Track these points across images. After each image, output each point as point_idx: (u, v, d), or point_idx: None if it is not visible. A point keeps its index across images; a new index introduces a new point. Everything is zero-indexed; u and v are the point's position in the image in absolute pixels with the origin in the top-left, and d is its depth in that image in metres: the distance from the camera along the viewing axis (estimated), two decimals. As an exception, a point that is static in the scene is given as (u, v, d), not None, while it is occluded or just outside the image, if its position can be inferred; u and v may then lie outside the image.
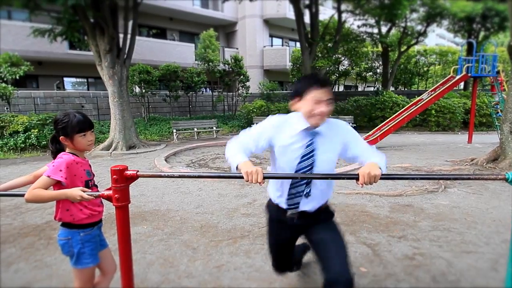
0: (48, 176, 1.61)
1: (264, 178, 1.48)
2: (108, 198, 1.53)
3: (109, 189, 1.54)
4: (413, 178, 1.60)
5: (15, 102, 11.23)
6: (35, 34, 9.36)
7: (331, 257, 1.61)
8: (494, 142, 8.38)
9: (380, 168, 1.52)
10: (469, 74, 9.49)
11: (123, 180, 1.52)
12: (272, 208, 1.87)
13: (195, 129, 12.22)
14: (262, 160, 7.56)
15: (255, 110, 14.08)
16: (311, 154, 1.63)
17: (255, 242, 3.04)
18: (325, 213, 1.80)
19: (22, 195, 1.68)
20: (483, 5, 13.17)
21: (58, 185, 1.66)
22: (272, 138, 1.68)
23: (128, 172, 1.52)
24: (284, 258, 2.01)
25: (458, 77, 9.61)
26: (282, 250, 1.97)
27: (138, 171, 1.54)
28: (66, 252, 1.77)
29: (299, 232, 1.86)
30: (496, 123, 9.26)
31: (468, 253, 2.76)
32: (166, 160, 7.52)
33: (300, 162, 1.64)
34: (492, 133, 11.52)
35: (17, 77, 10.05)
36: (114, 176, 1.50)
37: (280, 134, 1.67)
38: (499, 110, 9.15)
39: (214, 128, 12.60)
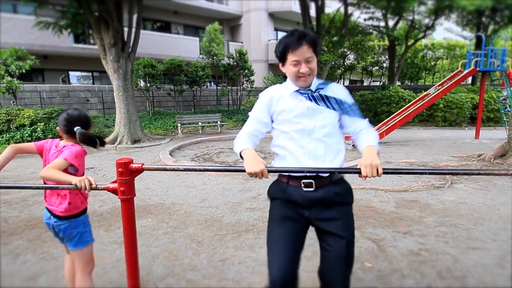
0: (65, 159, 1.69)
1: (269, 171, 1.42)
2: (114, 191, 1.53)
3: (114, 182, 1.54)
4: (421, 173, 1.56)
5: (21, 95, 11.31)
6: (40, 26, 9.38)
7: (333, 276, 1.48)
8: (502, 138, 8.26)
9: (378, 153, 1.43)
10: (478, 69, 9.34)
11: (128, 173, 1.51)
12: (282, 177, 1.64)
13: (200, 123, 12.23)
14: (266, 154, 7.55)
15: (260, 105, 14.01)
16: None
17: (260, 236, 3.04)
18: (339, 189, 1.53)
19: (29, 188, 1.70)
20: (493, -3, 12.89)
21: (66, 170, 1.71)
22: (271, 110, 1.60)
23: (133, 165, 1.52)
24: (288, 263, 1.48)
25: (466, 71, 9.46)
26: (283, 238, 1.51)
27: (143, 164, 1.53)
28: (67, 235, 1.81)
29: (307, 211, 1.53)
30: (504, 119, 9.13)
31: (475, 250, 2.73)
32: (170, 154, 7.55)
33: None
34: (500, 129, 11.36)
35: (23, 71, 10.10)
36: (120, 169, 1.50)
37: (277, 103, 1.59)
38: (507, 105, 9.01)
39: (219, 122, 12.60)
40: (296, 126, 1.53)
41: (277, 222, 1.55)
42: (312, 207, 1.52)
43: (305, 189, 1.49)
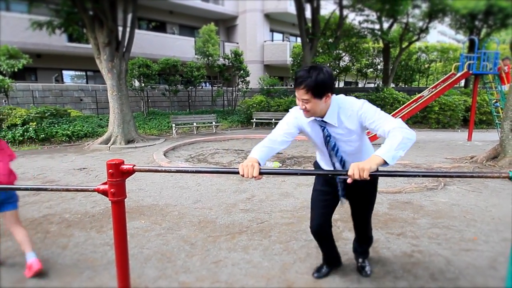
0: None
1: (261, 173, 1.50)
2: (104, 193, 1.51)
3: (105, 183, 1.52)
4: (414, 176, 1.56)
5: (14, 95, 11.16)
6: (34, 27, 9.27)
7: (356, 227, 2.30)
8: (494, 140, 8.36)
9: (385, 161, 1.48)
10: (471, 71, 9.44)
11: (119, 174, 1.49)
12: (319, 167, 2.15)
13: (195, 124, 12.18)
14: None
15: (255, 106, 14.03)
16: (328, 139, 1.83)
17: (253, 238, 3.03)
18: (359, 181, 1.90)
19: (21, 189, 1.67)
20: (486, 1, 13.04)
21: None
22: (300, 125, 1.87)
23: (124, 167, 1.49)
24: (322, 219, 2.15)
25: (459, 74, 9.55)
26: (322, 205, 2.12)
27: (134, 165, 1.51)
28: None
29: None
30: (497, 121, 9.23)
31: (467, 251, 2.75)
32: (165, 155, 7.49)
33: (326, 145, 1.87)
34: (492, 131, 11.50)
35: (16, 70, 9.97)
36: (110, 170, 1.47)
37: (302, 123, 1.87)
38: (500, 109, 9.10)
39: (214, 123, 12.56)
40: (318, 150, 1.97)
41: (317, 191, 2.15)
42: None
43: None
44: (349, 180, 1.49)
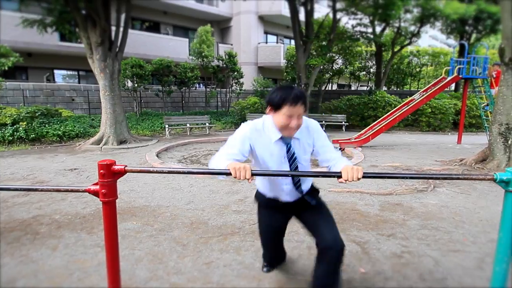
0: None
1: (253, 174, 1.52)
2: (95, 193, 1.50)
3: (96, 184, 1.51)
4: (403, 177, 1.60)
5: (3, 94, 10.99)
6: (25, 24, 9.15)
7: (323, 230, 1.85)
8: (483, 143, 8.52)
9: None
10: (461, 76, 9.61)
11: (110, 175, 1.49)
12: (263, 197, 2.03)
13: (188, 125, 12.14)
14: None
15: (249, 107, 14.04)
16: (293, 158, 1.79)
17: (246, 239, 3.03)
18: (312, 192, 2.00)
19: (11, 189, 1.64)
20: (476, 7, 13.31)
21: None
22: (252, 145, 1.77)
23: (116, 167, 1.49)
24: (278, 245, 2.27)
25: (449, 78, 9.71)
26: (276, 235, 2.17)
27: (126, 166, 1.51)
28: None
29: (292, 213, 2.05)
30: (485, 124, 9.40)
31: (455, 252, 2.80)
32: (157, 156, 7.45)
33: (289, 163, 1.81)
34: (481, 134, 11.70)
35: (5, 69, 9.81)
36: (101, 171, 1.47)
37: (257, 143, 1.77)
38: (489, 112, 9.27)
39: (207, 124, 12.54)
40: (274, 170, 1.81)
41: (266, 223, 2.14)
42: (292, 209, 2.02)
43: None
44: (340, 180, 1.58)
